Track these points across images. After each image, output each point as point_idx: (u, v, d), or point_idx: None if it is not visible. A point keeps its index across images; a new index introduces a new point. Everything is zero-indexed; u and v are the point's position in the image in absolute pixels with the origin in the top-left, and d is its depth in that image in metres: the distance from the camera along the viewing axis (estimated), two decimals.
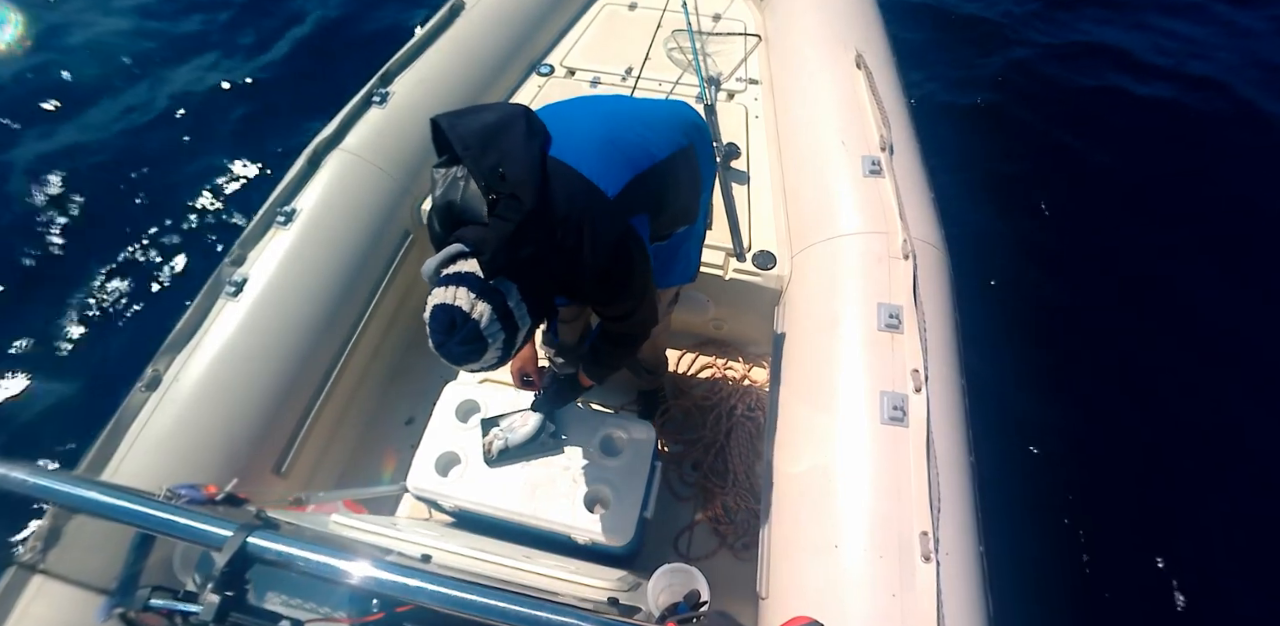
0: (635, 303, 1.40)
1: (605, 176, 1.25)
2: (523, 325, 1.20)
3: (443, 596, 0.80)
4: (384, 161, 2.25)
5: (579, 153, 1.25)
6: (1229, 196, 3.71)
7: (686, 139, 1.49)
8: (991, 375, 2.70)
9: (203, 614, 0.80)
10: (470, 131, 1.19)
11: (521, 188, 1.15)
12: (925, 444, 1.54)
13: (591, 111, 1.44)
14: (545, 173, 1.19)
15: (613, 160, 1.29)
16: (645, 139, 1.38)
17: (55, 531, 1.44)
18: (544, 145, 1.23)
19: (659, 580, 1.28)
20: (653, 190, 1.36)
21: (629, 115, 1.45)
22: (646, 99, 1.66)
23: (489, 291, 1.13)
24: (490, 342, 1.15)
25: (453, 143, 1.18)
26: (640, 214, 1.32)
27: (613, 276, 1.29)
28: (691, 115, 1.60)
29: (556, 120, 1.30)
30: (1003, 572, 1.51)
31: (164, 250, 3.47)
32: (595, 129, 1.34)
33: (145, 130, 4.02)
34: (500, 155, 1.17)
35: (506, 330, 1.16)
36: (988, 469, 1.65)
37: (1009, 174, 3.84)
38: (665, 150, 1.40)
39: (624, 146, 1.33)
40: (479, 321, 1.12)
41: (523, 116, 1.23)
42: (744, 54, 2.89)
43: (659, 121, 1.47)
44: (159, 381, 1.77)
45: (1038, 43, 4.59)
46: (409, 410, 2.43)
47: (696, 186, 1.57)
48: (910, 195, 1.99)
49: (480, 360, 1.17)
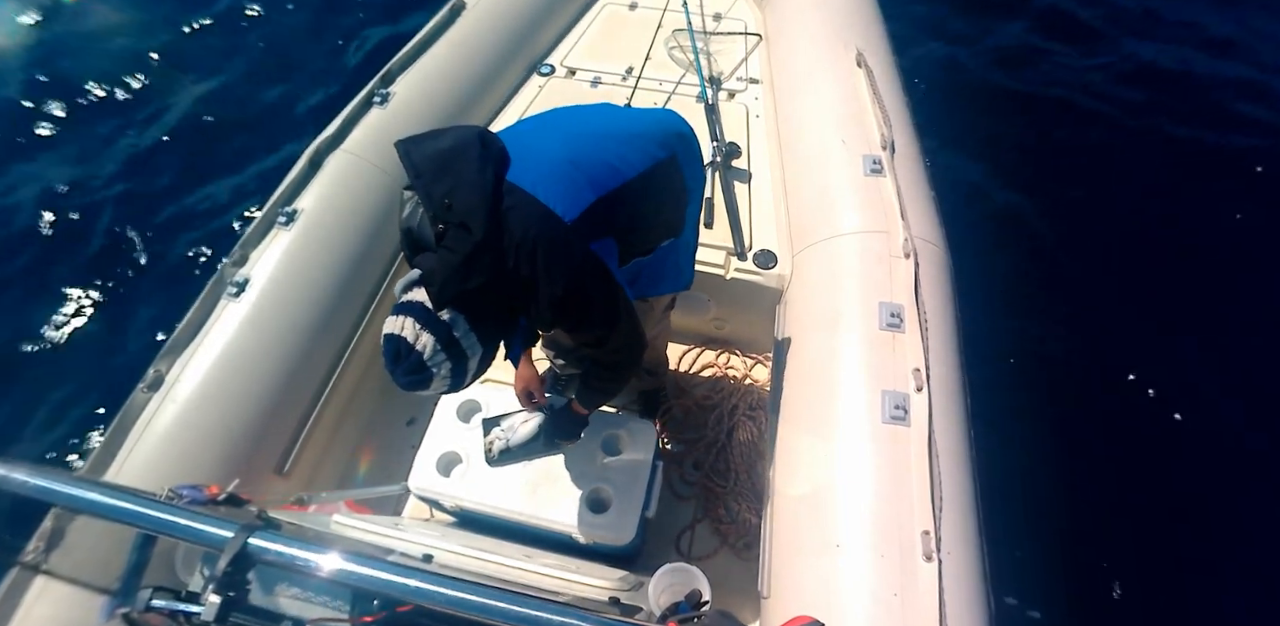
0: (605, 330, 1.34)
1: (564, 200, 1.20)
2: (472, 353, 1.21)
3: (444, 596, 0.80)
4: (385, 162, 2.25)
5: (537, 176, 1.21)
6: (1242, 191, 3.70)
7: (666, 151, 1.43)
8: (993, 374, 2.69)
9: (205, 614, 0.80)
10: (424, 158, 1.18)
11: (471, 217, 1.13)
12: (927, 443, 1.54)
13: (559, 130, 1.38)
14: (497, 199, 1.17)
15: (574, 182, 1.24)
16: (616, 156, 1.33)
17: (58, 532, 1.44)
18: (499, 170, 1.20)
19: (660, 580, 1.29)
20: (621, 211, 1.30)
21: (600, 131, 1.40)
22: (629, 109, 1.60)
23: (434, 322, 1.15)
24: (435, 372, 1.17)
25: (406, 170, 1.18)
26: (604, 238, 1.27)
27: (570, 305, 1.24)
28: (675, 125, 1.53)
29: (519, 140, 1.27)
30: (1004, 572, 1.51)
31: (165, 250, 3.48)
32: (558, 150, 1.28)
33: (145, 130, 4.03)
34: (453, 182, 1.16)
35: (453, 359, 1.18)
36: (989, 468, 1.65)
37: (1014, 168, 3.84)
38: (638, 166, 1.35)
39: (588, 167, 1.27)
40: (422, 352, 1.15)
41: (476, 141, 1.20)
42: (745, 53, 2.89)
43: (635, 135, 1.41)
44: (161, 382, 1.78)
45: (1048, 39, 4.58)
46: (410, 410, 2.43)
47: (681, 198, 1.52)
48: (911, 194, 1.99)
49: (429, 388, 1.20)
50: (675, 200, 1.51)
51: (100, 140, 3.94)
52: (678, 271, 1.68)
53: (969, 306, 1.90)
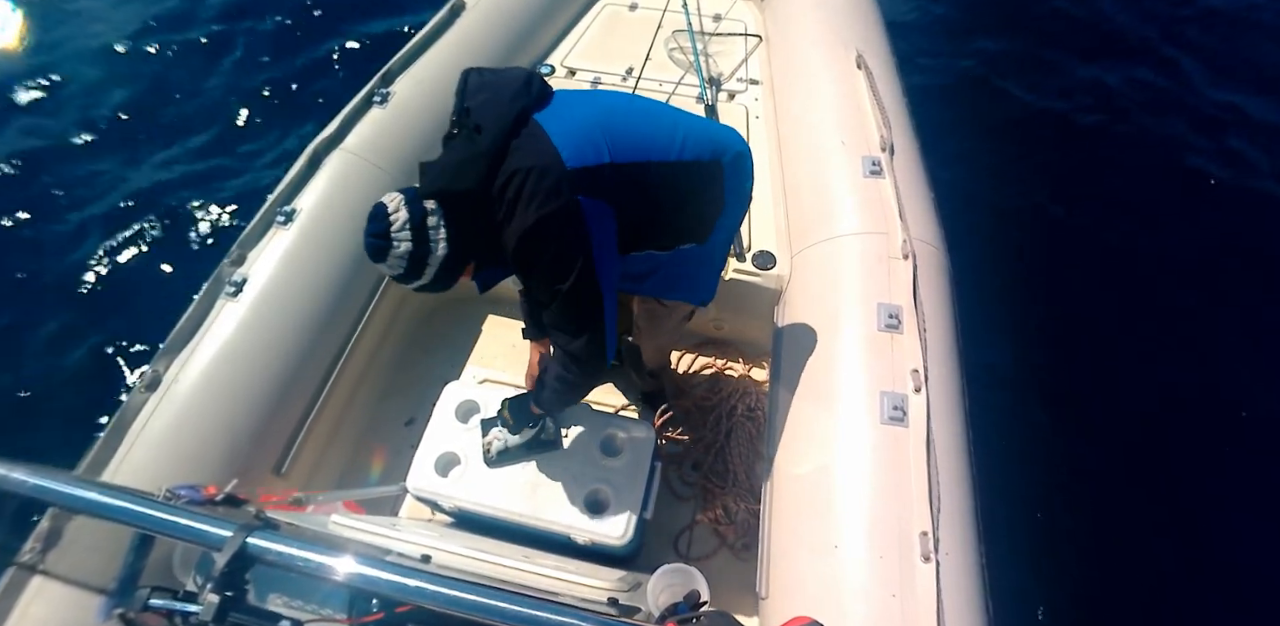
0: (551, 285, 1.30)
1: (574, 150, 1.25)
2: (434, 249, 1.26)
3: (443, 596, 0.80)
4: (384, 161, 2.25)
5: (561, 125, 1.27)
6: (1237, 198, 3.71)
7: (714, 156, 1.44)
8: (991, 375, 2.70)
9: (202, 614, 0.80)
10: (479, 77, 1.33)
11: (485, 126, 1.24)
12: (925, 444, 1.54)
13: (606, 101, 1.42)
14: (516, 124, 1.25)
15: (592, 141, 1.28)
16: (650, 138, 1.36)
17: (55, 532, 1.44)
18: (529, 106, 1.28)
19: (659, 580, 1.29)
20: (630, 186, 1.32)
21: (648, 113, 1.44)
22: (694, 115, 1.55)
23: (415, 203, 1.25)
24: (394, 247, 1.24)
25: (466, 83, 1.33)
26: (599, 200, 1.28)
27: (530, 242, 1.26)
28: (735, 142, 1.52)
29: (567, 97, 1.35)
30: (1002, 573, 1.51)
31: (164, 250, 3.47)
32: (595, 113, 1.34)
33: (145, 131, 4.02)
34: (486, 98, 1.28)
35: (415, 243, 1.24)
36: (987, 469, 1.65)
37: (1013, 170, 3.84)
38: (673, 155, 1.37)
39: (615, 134, 1.31)
40: (392, 224, 1.23)
41: (524, 77, 1.31)
42: (744, 54, 2.89)
43: (685, 131, 1.41)
44: (159, 382, 1.77)
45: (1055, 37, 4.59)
46: (409, 410, 2.43)
47: (712, 207, 1.50)
48: (910, 195, 1.99)
49: (385, 261, 1.26)
50: (704, 205, 1.49)
51: (98, 139, 3.94)
52: (695, 282, 1.66)
53: (967, 308, 1.91)
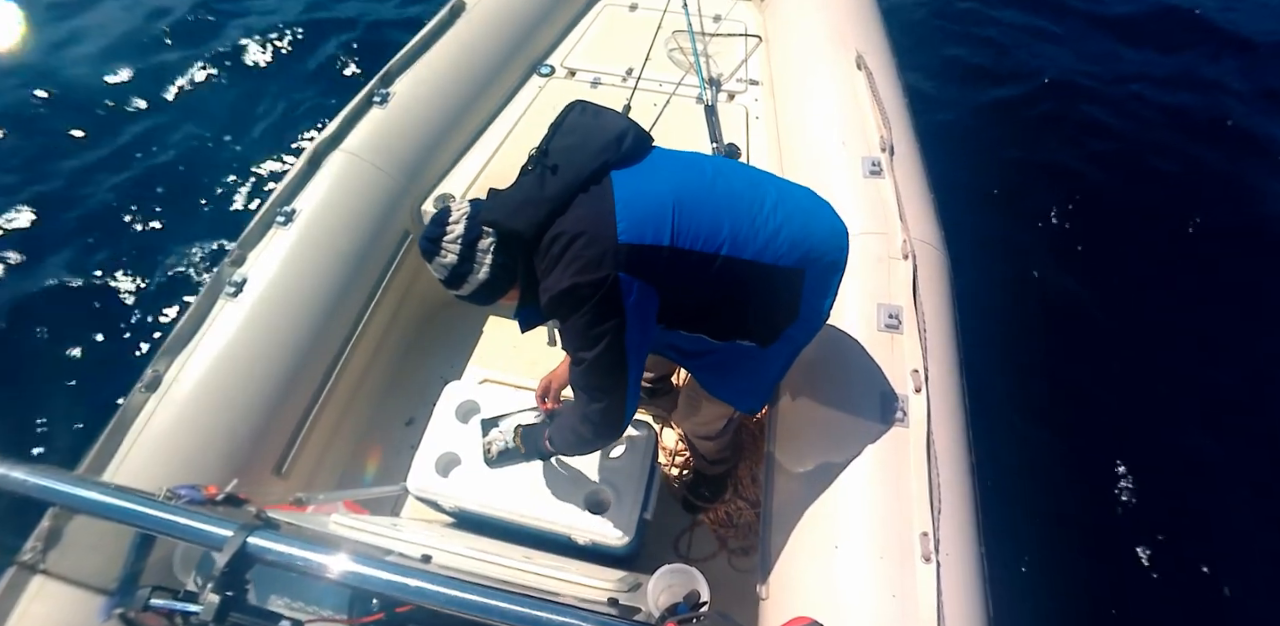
0: (580, 353, 1.25)
1: (633, 222, 1.16)
2: (478, 271, 1.24)
3: (443, 596, 0.80)
4: (384, 162, 2.25)
5: (634, 191, 1.19)
6: (1237, 195, 3.71)
7: (799, 263, 1.30)
8: (992, 375, 2.70)
9: (203, 614, 0.80)
10: (578, 116, 1.27)
11: (559, 178, 1.19)
12: (925, 444, 1.54)
13: (701, 174, 1.28)
14: (589, 180, 1.19)
15: (658, 218, 1.18)
16: (732, 228, 1.23)
17: (56, 531, 1.44)
18: (611, 162, 1.20)
19: (659, 580, 1.28)
20: (685, 271, 1.21)
21: (741, 198, 1.28)
22: (806, 195, 1.41)
23: (475, 222, 1.23)
24: (441, 256, 1.24)
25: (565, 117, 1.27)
26: (643, 279, 1.18)
27: (562, 306, 1.20)
28: (831, 251, 1.36)
29: (660, 162, 1.26)
30: (1003, 573, 1.51)
31: (164, 250, 3.47)
32: (677, 187, 1.22)
33: (144, 131, 4.02)
34: (572, 142, 1.22)
35: (461, 258, 1.23)
36: (988, 469, 1.65)
37: (1012, 171, 3.85)
38: (749, 253, 1.24)
39: (689, 215, 1.19)
40: (447, 234, 1.23)
41: (618, 132, 1.23)
42: (745, 55, 2.89)
43: (783, 224, 1.28)
44: (159, 382, 1.77)
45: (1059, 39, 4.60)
46: (409, 410, 2.43)
47: (782, 316, 1.36)
48: (910, 196, 1.99)
49: (431, 264, 1.27)
50: (774, 311, 1.36)
51: (97, 139, 3.94)
52: (748, 382, 1.54)
53: (967, 308, 1.91)
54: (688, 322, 1.36)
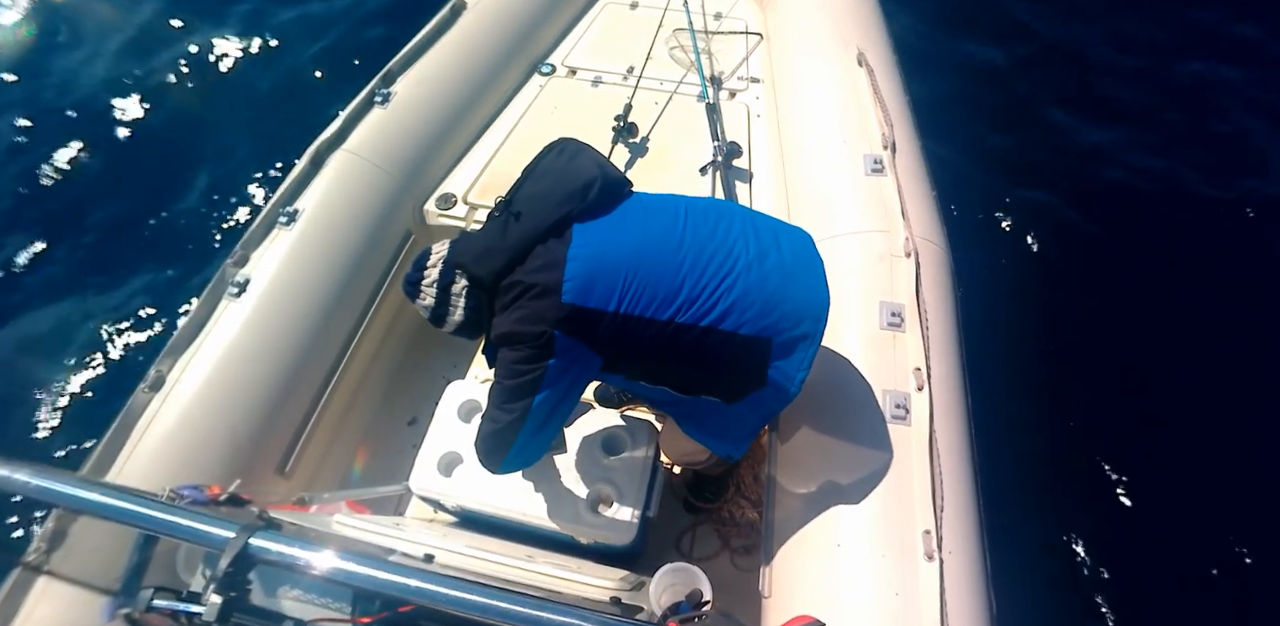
0: (499, 379, 1.26)
1: (579, 282, 1.14)
2: (453, 313, 1.29)
3: (445, 596, 0.80)
4: (386, 162, 2.25)
5: (590, 249, 1.17)
6: (1238, 198, 3.69)
7: (765, 332, 1.24)
8: (994, 373, 2.69)
9: (206, 614, 0.80)
10: (557, 158, 1.30)
11: (520, 226, 1.21)
12: (928, 442, 1.54)
13: (668, 232, 1.23)
14: (548, 232, 1.19)
15: (606, 282, 1.16)
16: (691, 293, 1.19)
17: (60, 533, 1.45)
18: (574, 213, 1.20)
19: (661, 579, 1.28)
20: (632, 336, 1.19)
21: (711, 258, 1.22)
22: (797, 261, 1.31)
23: (449, 268, 1.28)
24: (420, 299, 1.30)
25: (542, 152, 1.33)
26: (581, 341, 1.17)
27: (500, 346, 1.24)
28: (804, 324, 1.28)
29: (628, 216, 1.24)
30: (1006, 571, 1.50)
31: (166, 251, 3.48)
32: (639, 246, 1.19)
33: (144, 131, 4.03)
34: (542, 189, 1.25)
35: (438, 302, 1.29)
36: (990, 467, 1.65)
37: (1016, 168, 3.83)
38: (705, 320, 1.20)
39: (643, 280, 1.17)
40: (424, 277, 1.29)
41: (584, 182, 1.22)
42: (746, 52, 2.89)
43: (756, 290, 1.22)
44: (163, 382, 1.78)
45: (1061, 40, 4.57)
46: (411, 410, 2.43)
47: (746, 382, 1.31)
48: (912, 193, 1.98)
49: (415, 302, 1.33)
50: (736, 376, 1.31)
51: (97, 137, 3.94)
52: (721, 431, 1.49)
53: (970, 306, 1.90)
54: (647, 377, 1.37)
